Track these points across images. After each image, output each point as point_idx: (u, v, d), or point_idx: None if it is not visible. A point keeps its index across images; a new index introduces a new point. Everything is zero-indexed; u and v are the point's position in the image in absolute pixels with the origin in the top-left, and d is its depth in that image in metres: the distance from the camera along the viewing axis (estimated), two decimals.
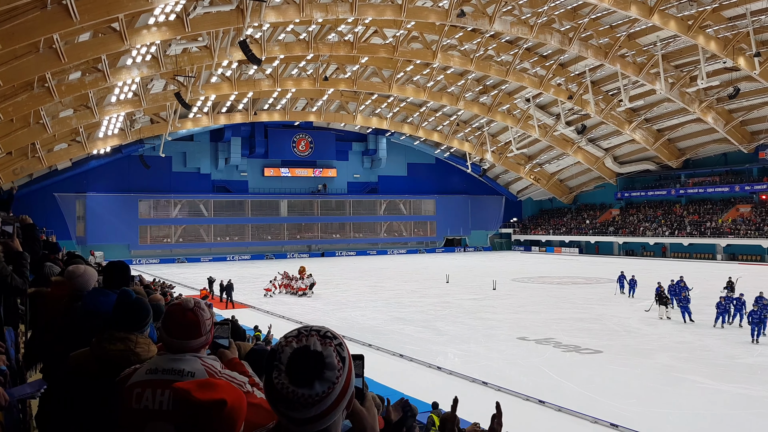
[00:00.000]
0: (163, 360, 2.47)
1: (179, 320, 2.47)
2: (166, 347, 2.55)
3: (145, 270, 46.43)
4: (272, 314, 26.90)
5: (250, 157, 66.35)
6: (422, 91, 54.13)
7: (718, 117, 51.79)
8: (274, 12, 33.18)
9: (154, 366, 2.43)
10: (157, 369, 2.42)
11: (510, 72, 48.99)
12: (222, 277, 32.75)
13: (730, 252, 54.31)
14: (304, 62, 46.28)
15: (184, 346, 2.47)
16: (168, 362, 2.46)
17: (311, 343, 1.36)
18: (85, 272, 4.29)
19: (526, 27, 41.42)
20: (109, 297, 3.71)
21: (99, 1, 25.67)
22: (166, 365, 2.44)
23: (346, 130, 68.18)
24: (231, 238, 67.08)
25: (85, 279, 4.26)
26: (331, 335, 1.41)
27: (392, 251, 72.27)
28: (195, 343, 2.49)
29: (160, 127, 51.37)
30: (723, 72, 45.08)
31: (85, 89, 33.97)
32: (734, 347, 19.19)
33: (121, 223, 59.43)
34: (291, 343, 1.36)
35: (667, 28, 39.83)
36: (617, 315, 25.49)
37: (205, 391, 1.97)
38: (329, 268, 50.76)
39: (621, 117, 55.76)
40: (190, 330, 2.47)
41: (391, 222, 74.64)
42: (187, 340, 2.47)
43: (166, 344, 2.54)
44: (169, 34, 30.50)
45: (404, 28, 42.41)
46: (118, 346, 2.86)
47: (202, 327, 2.49)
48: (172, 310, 2.54)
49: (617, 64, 45.77)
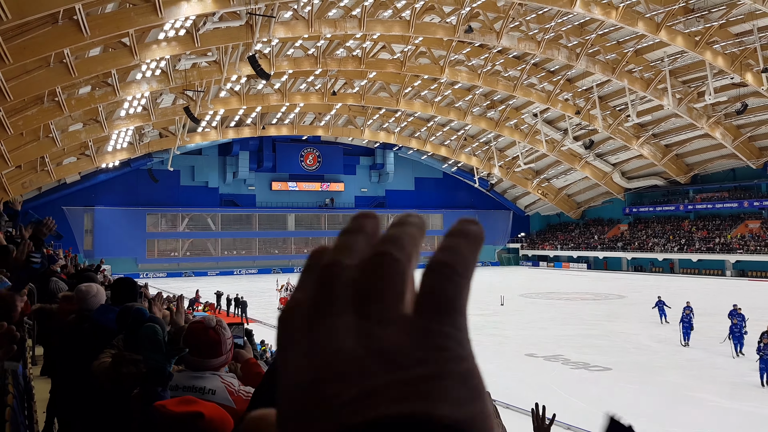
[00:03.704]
0: (184, 377, 2.51)
1: (201, 339, 2.50)
2: (187, 365, 2.59)
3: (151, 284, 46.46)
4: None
5: (258, 171, 66.55)
6: (430, 105, 54.25)
7: (726, 133, 51.61)
8: (283, 27, 33.40)
9: (175, 383, 2.45)
10: (178, 386, 2.45)
11: (517, 87, 49.06)
12: (230, 291, 32.73)
13: (740, 268, 53.86)
14: (313, 77, 46.54)
15: (205, 364, 2.51)
16: (188, 380, 2.49)
17: None
18: (98, 293, 4.31)
19: (533, 43, 41.52)
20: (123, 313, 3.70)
21: (110, 16, 25.94)
22: (187, 383, 2.47)
23: (354, 145, 68.37)
24: (238, 251, 67.14)
25: (97, 299, 4.26)
26: None
27: None
28: (216, 362, 2.53)
29: (169, 141, 51.63)
30: (730, 88, 45.00)
31: (95, 103, 34.23)
32: (745, 365, 18.95)
33: (129, 236, 59.58)
34: None
35: (674, 44, 39.82)
36: (626, 331, 25.26)
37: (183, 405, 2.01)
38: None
39: (629, 132, 55.64)
40: (211, 348, 2.50)
41: None
42: (208, 359, 2.50)
43: (187, 362, 2.59)
44: (178, 49, 30.74)
45: (412, 43, 42.61)
46: (131, 370, 2.88)
47: (223, 346, 2.52)
48: (194, 329, 2.55)
49: (624, 79, 45.76)
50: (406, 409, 0.32)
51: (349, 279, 0.38)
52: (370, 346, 0.35)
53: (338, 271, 0.38)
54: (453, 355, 0.35)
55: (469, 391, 0.34)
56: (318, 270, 0.40)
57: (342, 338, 0.35)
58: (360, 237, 0.41)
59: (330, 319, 0.36)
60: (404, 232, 0.41)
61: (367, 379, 0.33)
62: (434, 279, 0.37)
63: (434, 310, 0.36)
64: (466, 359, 0.36)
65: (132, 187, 59.95)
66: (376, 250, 0.39)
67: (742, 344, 20.09)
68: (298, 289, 0.40)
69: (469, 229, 0.40)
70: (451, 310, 0.36)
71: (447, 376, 0.34)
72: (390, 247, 0.39)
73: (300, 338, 0.37)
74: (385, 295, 0.37)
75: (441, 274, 0.37)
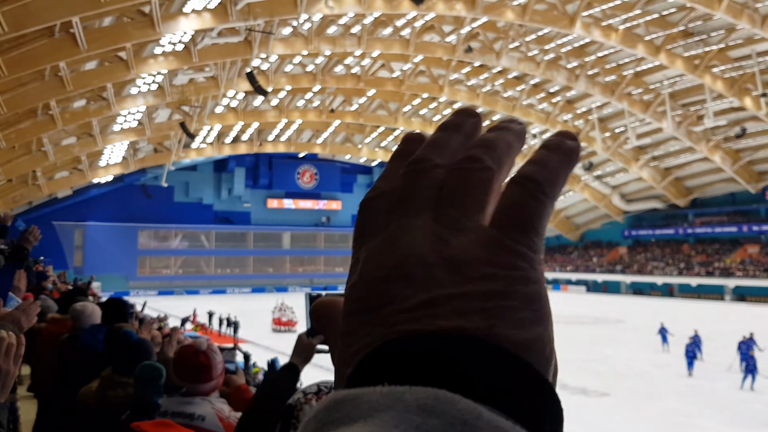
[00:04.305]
0: (173, 403, 2.46)
1: (191, 363, 2.46)
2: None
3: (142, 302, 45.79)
4: (271, 350, 26.17)
5: (254, 188, 66.22)
6: (428, 124, 54.12)
7: (726, 156, 51.64)
8: (281, 44, 33.25)
9: (164, 409, 2.44)
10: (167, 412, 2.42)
11: (517, 108, 49.01)
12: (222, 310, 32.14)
13: (739, 293, 53.58)
14: (311, 94, 46.40)
15: (195, 389, 2.46)
16: (178, 405, 2.44)
17: None
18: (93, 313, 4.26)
19: (533, 63, 41.52)
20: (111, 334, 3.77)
21: (107, 30, 25.73)
22: (176, 408, 2.42)
23: (352, 163, 68.20)
24: (232, 270, 66.48)
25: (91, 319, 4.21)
26: None
27: None
28: (206, 387, 2.48)
29: (164, 157, 51.26)
30: (730, 111, 45.15)
31: (89, 117, 33.91)
32: (744, 391, 18.73)
33: (120, 253, 58.90)
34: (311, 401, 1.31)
35: (673, 67, 39.96)
36: (625, 356, 24.92)
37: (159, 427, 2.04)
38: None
39: (628, 155, 55.62)
40: (201, 373, 2.46)
41: None
42: (198, 384, 2.45)
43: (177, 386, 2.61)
44: (176, 64, 30.51)
45: (411, 62, 42.58)
46: (118, 392, 2.87)
47: (214, 371, 2.48)
48: (184, 352, 2.51)
49: (624, 101, 45.78)
50: (465, 324, 0.32)
51: (436, 179, 0.37)
52: (441, 252, 0.34)
53: (426, 168, 0.37)
54: (522, 275, 0.34)
55: (533, 314, 0.34)
56: (407, 163, 0.39)
57: (417, 240, 0.35)
58: (456, 136, 0.40)
59: (409, 218, 0.36)
60: (502, 138, 0.39)
61: (433, 288, 0.33)
62: (517, 193, 0.36)
63: (511, 226, 0.35)
64: (536, 282, 0.35)
65: (124, 202, 59.44)
66: (469, 154, 0.38)
67: (755, 377, 19.26)
68: (383, 178, 0.40)
69: (564, 144, 0.39)
70: (528, 228, 0.36)
71: (513, 296, 0.33)
72: (483, 153, 0.37)
73: (376, 230, 0.37)
74: (467, 203, 0.36)
75: (525, 189, 0.36)
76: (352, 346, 0.34)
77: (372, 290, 0.34)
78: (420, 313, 0.32)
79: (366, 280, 0.35)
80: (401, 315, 0.32)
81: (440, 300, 0.32)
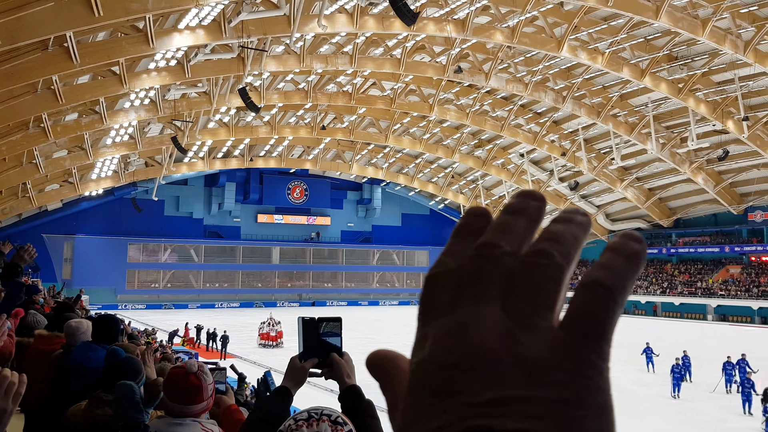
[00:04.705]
0: (163, 424, 2.44)
1: (182, 384, 2.43)
2: (167, 411, 2.50)
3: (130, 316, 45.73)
4: (259, 365, 26.30)
5: (244, 203, 66.25)
6: (418, 142, 54.66)
7: (708, 178, 52.41)
8: (274, 61, 33.62)
9: (155, 429, 2.41)
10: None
11: (505, 127, 49.63)
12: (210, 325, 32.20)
13: (721, 312, 54.14)
14: (303, 111, 46.80)
15: (186, 410, 2.43)
16: (168, 426, 2.42)
17: (323, 429, 1.23)
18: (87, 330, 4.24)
19: (521, 84, 42.15)
20: (98, 353, 3.70)
21: (101, 45, 25.96)
22: (166, 430, 2.41)
23: (342, 179, 68.46)
24: (221, 284, 66.29)
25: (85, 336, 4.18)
26: (342, 420, 1.29)
27: (384, 302, 71.53)
28: (196, 409, 2.46)
29: (155, 171, 51.38)
30: (713, 134, 45.79)
31: (81, 131, 34.01)
32: (726, 411, 18.90)
33: (109, 266, 58.64)
34: (302, 428, 1.30)
35: (658, 90, 40.63)
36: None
37: None
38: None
39: (613, 175, 56.31)
40: (192, 394, 2.42)
41: (383, 272, 74.23)
42: (188, 405, 2.42)
43: (167, 408, 2.50)
44: (169, 79, 30.76)
45: (402, 81, 43.12)
46: (106, 411, 2.81)
47: (204, 392, 2.45)
48: (175, 373, 2.49)
49: (609, 123, 46.47)
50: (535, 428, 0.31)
51: (506, 268, 0.37)
52: (512, 349, 0.34)
53: (496, 255, 0.38)
54: (593, 385, 0.34)
55: (602, 426, 0.33)
56: (476, 246, 0.39)
57: (488, 332, 0.35)
58: (522, 220, 0.40)
59: (478, 305, 0.36)
60: (570, 232, 0.39)
61: (503, 386, 0.33)
62: (589, 299, 0.36)
63: (583, 333, 0.35)
64: (605, 392, 0.35)
65: (114, 216, 59.29)
66: (539, 247, 0.38)
67: (751, 402, 18.50)
68: (448, 253, 0.40)
69: (632, 248, 0.39)
70: (599, 336, 0.35)
71: (584, 406, 0.33)
72: (553, 247, 0.38)
73: (443, 308, 0.37)
74: (538, 300, 0.36)
75: (596, 295, 0.36)
76: (417, 423, 0.34)
77: (442, 375, 0.34)
78: (490, 410, 0.32)
79: (436, 362, 0.35)
80: (471, 409, 0.32)
81: (510, 400, 0.32)
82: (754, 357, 21.78)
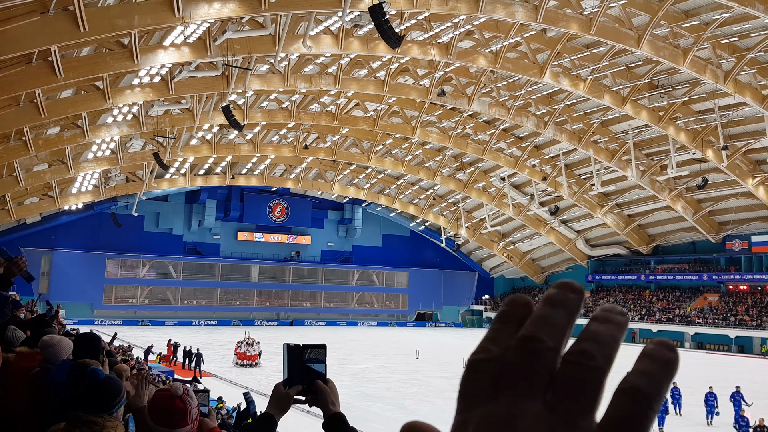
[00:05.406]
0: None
1: (167, 407, 2.41)
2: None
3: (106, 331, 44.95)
4: (236, 384, 25.99)
5: (225, 220, 65.83)
6: (400, 164, 54.88)
7: (687, 206, 53.07)
8: (258, 80, 33.71)
9: None
10: None
11: (486, 151, 50.02)
12: (187, 343, 31.80)
13: (698, 340, 54.51)
14: (285, 130, 46.85)
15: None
16: None
17: None
18: (59, 343, 4.10)
19: (503, 109, 42.60)
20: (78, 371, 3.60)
21: (85, 60, 25.91)
22: None
23: (323, 198, 68.41)
24: (198, 302, 65.59)
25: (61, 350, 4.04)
26: None
27: (363, 323, 71.12)
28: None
29: (136, 186, 50.97)
30: (692, 162, 46.40)
31: (63, 144, 33.79)
32: None
33: (87, 281, 57.81)
34: None
35: (639, 117, 41.23)
36: None
37: None
38: (298, 338, 49.46)
39: (593, 201, 56.85)
40: (177, 418, 2.41)
41: (363, 293, 73.93)
42: (172, 429, 2.41)
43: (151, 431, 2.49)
44: (152, 96, 30.71)
45: (385, 102, 43.43)
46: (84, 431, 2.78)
47: (189, 416, 2.43)
48: (160, 397, 2.47)
49: (590, 149, 47.02)
50: None
51: (549, 363, 0.38)
52: None
53: (539, 350, 0.39)
54: None
55: None
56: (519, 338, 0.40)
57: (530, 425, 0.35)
58: (562, 313, 0.41)
59: (522, 397, 0.37)
60: (610, 333, 0.40)
61: None
62: (628, 406, 0.37)
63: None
64: None
65: (94, 230, 58.60)
66: (582, 348, 0.39)
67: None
68: (490, 339, 0.41)
69: (667, 357, 0.41)
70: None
71: None
72: (594, 349, 0.39)
73: (484, 396, 0.38)
74: (581, 400, 0.37)
75: (636, 403, 0.37)
76: None
77: None
78: None
79: None
80: None
81: None
82: (728, 387, 21.85)
